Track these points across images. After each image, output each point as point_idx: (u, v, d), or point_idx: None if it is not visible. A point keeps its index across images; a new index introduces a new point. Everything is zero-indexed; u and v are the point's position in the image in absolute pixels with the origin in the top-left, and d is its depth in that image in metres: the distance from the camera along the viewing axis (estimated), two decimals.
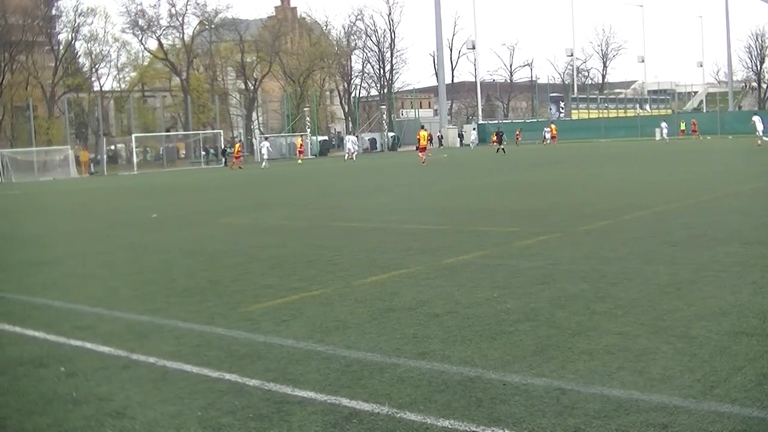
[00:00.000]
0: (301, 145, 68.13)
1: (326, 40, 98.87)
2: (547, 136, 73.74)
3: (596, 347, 6.35)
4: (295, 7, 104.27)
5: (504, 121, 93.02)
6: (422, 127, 54.01)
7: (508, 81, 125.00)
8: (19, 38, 71.52)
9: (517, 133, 78.16)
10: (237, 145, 61.61)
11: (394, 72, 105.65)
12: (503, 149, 55.38)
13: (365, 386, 5.74)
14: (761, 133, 46.79)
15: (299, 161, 63.56)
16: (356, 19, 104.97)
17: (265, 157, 57.21)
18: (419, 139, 47.43)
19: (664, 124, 68.77)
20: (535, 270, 9.84)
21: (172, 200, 28.08)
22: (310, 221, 17.41)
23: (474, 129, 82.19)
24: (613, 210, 16.00)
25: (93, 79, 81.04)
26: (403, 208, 19.33)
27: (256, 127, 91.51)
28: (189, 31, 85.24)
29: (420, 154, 46.67)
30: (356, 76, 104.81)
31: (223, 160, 66.76)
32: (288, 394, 5.66)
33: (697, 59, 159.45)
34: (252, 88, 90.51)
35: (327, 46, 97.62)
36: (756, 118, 48.69)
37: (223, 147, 70.71)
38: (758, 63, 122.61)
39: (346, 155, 62.94)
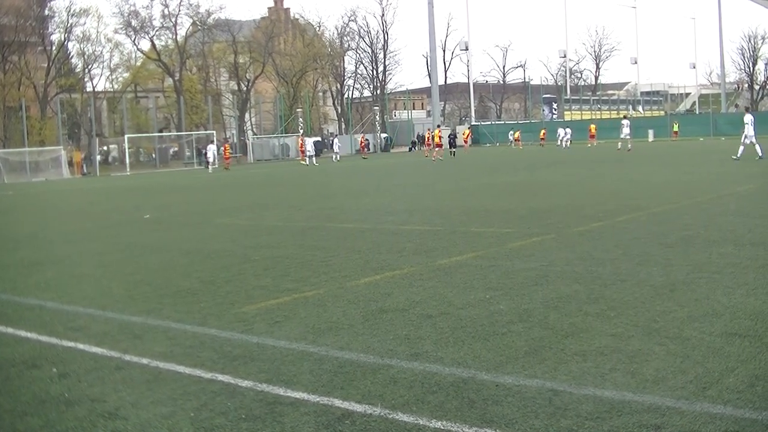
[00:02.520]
0: (302, 144, 64.53)
1: (319, 41, 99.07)
2: (568, 137, 71.44)
3: (589, 348, 6.36)
4: (288, 8, 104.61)
5: (537, 121, 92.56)
6: (438, 127, 60.19)
7: (501, 82, 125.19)
8: (12, 39, 71.49)
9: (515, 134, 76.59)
10: (226, 146, 61.54)
11: (387, 73, 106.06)
12: (454, 152, 55.93)
13: (358, 387, 5.73)
14: (628, 137, 51.63)
15: (303, 161, 61.01)
16: (349, 20, 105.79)
17: (210, 160, 57.21)
18: (432, 138, 55.31)
19: (568, 130, 69.27)
20: (529, 271, 9.84)
21: (167, 201, 28.04)
22: (306, 222, 17.39)
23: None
24: (608, 211, 16.01)
25: (86, 79, 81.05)
26: (398, 209, 19.33)
27: (249, 128, 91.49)
28: (182, 32, 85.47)
29: (436, 149, 53.43)
30: (349, 77, 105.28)
31: (206, 162, 66.28)
32: (281, 395, 5.65)
33: (689, 61, 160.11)
34: (245, 88, 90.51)
35: (320, 47, 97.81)
36: (624, 122, 53.72)
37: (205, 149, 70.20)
38: (751, 64, 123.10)
39: (307, 160, 59.17)
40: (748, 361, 5.86)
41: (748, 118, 34.40)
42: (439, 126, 62.66)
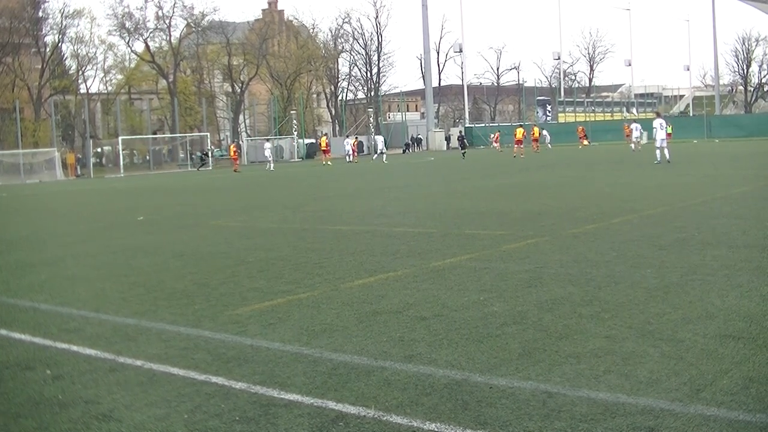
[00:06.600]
0: (327, 144, 62.99)
1: (313, 43, 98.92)
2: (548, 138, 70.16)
3: (583, 350, 6.37)
4: (282, 10, 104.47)
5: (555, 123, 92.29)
6: (520, 125, 61.71)
7: (495, 84, 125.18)
8: (6, 40, 71.35)
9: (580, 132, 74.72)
10: (232, 147, 61.75)
11: (381, 75, 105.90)
12: (464, 153, 55.91)
13: (352, 389, 5.73)
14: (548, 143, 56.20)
15: (327, 162, 58.91)
16: (343, 22, 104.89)
17: (269, 159, 57.65)
18: (515, 134, 56.12)
19: (545, 132, 70.44)
20: (523, 273, 9.85)
21: (162, 203, 28.01)
22: (300, 224, 17.39)
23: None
24: (602, 213, 16.03)
25: (80, 81, 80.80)
26: (392, 211, 19.33)
27: (243, 129, 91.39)
28: (176, 34, 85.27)
29: (515, 146, 54.15)
30: (343, 79, 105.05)
31: (207, 161, 66.46)
32: (275, 397, 5.65)
33: (684, 63, 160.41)
34: (239, 90, 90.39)
35: (314, 49, 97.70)
36: (541, 131, 59.46)
37: (205, 150, 70.42)
38: (744, 67, 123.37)
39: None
40: (742, 363, 5.87)
41: (657, 122, 34.85)
42: (521, 125, 63.30)
